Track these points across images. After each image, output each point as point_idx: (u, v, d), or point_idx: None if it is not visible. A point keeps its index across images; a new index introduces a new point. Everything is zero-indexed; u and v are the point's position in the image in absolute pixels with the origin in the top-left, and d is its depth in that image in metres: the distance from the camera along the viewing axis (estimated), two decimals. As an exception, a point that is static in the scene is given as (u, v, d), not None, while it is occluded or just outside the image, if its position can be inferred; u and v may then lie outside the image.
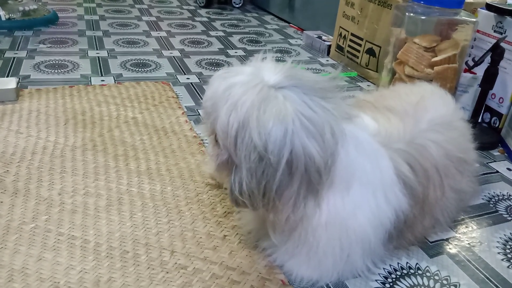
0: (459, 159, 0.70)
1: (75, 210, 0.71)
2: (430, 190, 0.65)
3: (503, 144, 1.06)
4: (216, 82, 0.55)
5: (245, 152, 0.51)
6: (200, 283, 0.60)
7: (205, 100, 0.57)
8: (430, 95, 0.77)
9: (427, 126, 0.69)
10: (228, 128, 0.52)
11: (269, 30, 1.89)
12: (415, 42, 1.06)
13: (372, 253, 0.63)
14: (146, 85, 1.20)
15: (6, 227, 0.67)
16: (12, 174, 0.79)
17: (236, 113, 0.51)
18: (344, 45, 1.54)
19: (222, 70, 0.57)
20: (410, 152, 0.64)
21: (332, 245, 0.59)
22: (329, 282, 0.62)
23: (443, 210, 0.70)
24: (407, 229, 0.65)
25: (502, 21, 1.08)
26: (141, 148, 0.90)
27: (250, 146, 0.51)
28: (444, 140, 0.68)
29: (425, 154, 0.65)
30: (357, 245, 0.60)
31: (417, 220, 0.66)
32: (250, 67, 0.56)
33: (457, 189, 0.71)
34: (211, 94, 0.55)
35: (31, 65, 1.28)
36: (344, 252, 0.60)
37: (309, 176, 0.53)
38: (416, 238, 0.69)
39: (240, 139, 0.51)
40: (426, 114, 0.71)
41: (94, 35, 1.62)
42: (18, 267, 0.60)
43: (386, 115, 0.71)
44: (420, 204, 0.64)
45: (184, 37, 1.69)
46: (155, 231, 0.68)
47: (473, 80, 1.13)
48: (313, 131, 0.51)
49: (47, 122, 0.97)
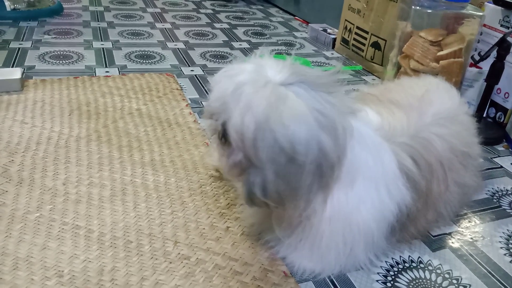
0: (463, 153, 0.70)
1: (79, 200, 0.72)
2: (433, 184, 0.65)
3: (507, 139, 1.06)
4: (223, 82, 0.54)
5: (270, 154, 0.51)
6: (203, 273, 0.60)
7: (212, 100, 0.55)
8: (435, 89, 0.76)
9: (432, 120, 0.69)
10: (244, 129, 0.50)
11: (274, 23, 1.88)
12: (421, 36, 1.05)
13: (375, 246, 0.63)
14: (151, 77, 1.20)
15: (11, 216, 0.67)
16: (17, 164, 0.79)
17: (251, 114, 0.50)
18: (350, 38, 1.53)
19: (224, 69, 0.56)
20: (414, 146, 0.64)
21: (336, 239, 0.59)
22: (331, 275, 0.62)
23: (447, 204, 0.70)
24: (410, 222, 0.65)
25: (509, 15, 1.07)
26: (145, 139, 0.91)
27: (275, 149, 0.50)
28: (448, 134, 0.68)
29: (429, 148, 0.65)
30: (360, 239, 0.60)
31: (420, 214, 0.66)
32: (251, 64, 0.55)
33: (461, 183, 0.70)
34: (219, 95, 0.54)
35: (36, 56, 1.29)
36: (347, 246, 0.60)
37: (322, 172, 0.53)
38: (419, 232, 0.69)
39: (261, 141, 0.50)
40: (431, 108, 0.70)
41: (99, 26, 1.62)
42: (23, 256, 0.60)
43: (390, 109, 0.71)
44: (423, 198, 0.64)
45: (189, 29, 1.69)
46: (158, 221, 0.69)
47: (479, 74, 1.12)
48: (328, 126, 0.51)
49: (51, 113, 0.98)
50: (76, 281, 0.57)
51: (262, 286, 0.59)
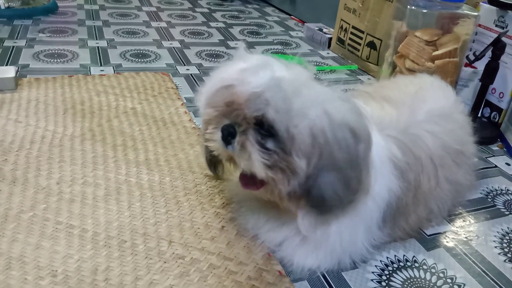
0: (456, 151, 0.70)
1: (73, 199, 0.71)
2: (423, 178, 0.65)
3: (502, 139, 1.06)
4: (255, 77, 0.51)
5: (341, 155, 0.51)
6: (198, 273, 0.60)
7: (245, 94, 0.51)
8: (430, 87, 0.77)
9: (425, 117, 0.69)
10: (319, 130, 0.50)
11: (269, 22, 1.88)
12: (416, 36, 1.06)
13: (371, 233, 0.63)
14: (146, 76, 1.19)
15: (4, 216, 0.67)
16: (11, 163, 0.79)
17: (326, 114, 0.50)
18: (345, 38, 1.53)
19: (237, 62, 0.54)
20: (402, 140, 0.64)
21: (341, 228, 0.59)
22: (328, 268, 0.62)
23: (438, 201, 0.70)
24: (401, 216, 0.65)
25: (504, 15, 1.07)
26: (140, 138, 0.90)
27: (344, 150, 0.51)
28: (441, 132, 0.68)
29: (419, 143, 0.65)
30: (361, 225, 0.60)
31: (410, 207, 0.65)
32: (255, 59, 0.54)
33: (453, 181, 0.71)
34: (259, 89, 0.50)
35: (30, 54, 1.28)
36: (346, 234, 0.60)
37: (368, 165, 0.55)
38: (411, 228, 0.69)
39: (340, 140, 0.50)
40: (424, 105, 0.71)
41: (94, 24, 1.61)
42: (16, 255, 0.60)
43: (380, 104, 0.71)
44: (412, 192, 0.64)
45: (184, 28, 1.68)
46: (153, 221, 0.68)
47: (474, 74, 1.12)
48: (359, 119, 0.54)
49: (46, 112, 0.97)
50: (70, 280, 0.57)
51: (257, 286, 0.59)
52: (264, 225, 0.65)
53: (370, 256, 0.65)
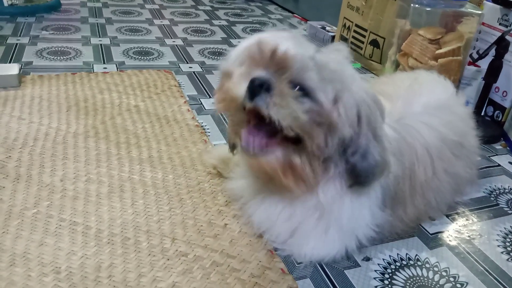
0: (455, 143, 0.70)
1: (76, 196, 0.72)
2: (418, 168, 0.65)
3: (505, 138, 1.06)
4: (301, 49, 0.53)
5: (377, 125, 0.55)
6: (201, 270, 0.60)
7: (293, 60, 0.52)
8: (425, 79, 0.77)
9: (422, 109, 0.69)
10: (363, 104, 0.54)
11: (272, 20, 1.88)
12: (420, 34, 1.05)
13: (375, 213, 0.62)
14: (149, 73, 1.20)
15: (8, 212, 0.67)
16: (14, 160, 0.79)
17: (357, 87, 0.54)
18: (348, 36, 1.53)
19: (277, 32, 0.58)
20: (396, 129, 0.64)
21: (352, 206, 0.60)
22: (337, 253, 0.63)
23: (436, 193, 0.70)
24: (399, 205, 0.65)
25: (507, 13, 1.07)
26: (143, 136, 0.91)
27: (379, 122, 0.55)
28: (438, 123, 0.68)
29: (413, 134, 0.66)
30: (367, 203, 0.61)
31: (407, 196, 0.65)
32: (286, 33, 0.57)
33: (452, 173, 0.70)
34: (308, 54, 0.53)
35: (34, 52, 1.28)
36: (356, 212, 0.61)
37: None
38: (410, 219, 0.68)
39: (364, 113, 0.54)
40: (420, 98, 0.71)
41: (97, 22, 1.61)
42: (20, 252, 0.60)
43: None
44: (407, 180, 0.64)
45: (187, 26, 1.68)
46: (156, 218, 0.69)
47: (477, 73, 1.12)
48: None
49: (49, 109, 0.97)
50: (74, 277, 0.57)
51: (259, 283, 0.59)
52: (278, 217, 0.63)
53: (376, 235, 0.64)
